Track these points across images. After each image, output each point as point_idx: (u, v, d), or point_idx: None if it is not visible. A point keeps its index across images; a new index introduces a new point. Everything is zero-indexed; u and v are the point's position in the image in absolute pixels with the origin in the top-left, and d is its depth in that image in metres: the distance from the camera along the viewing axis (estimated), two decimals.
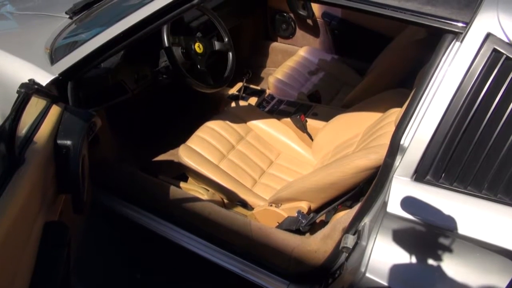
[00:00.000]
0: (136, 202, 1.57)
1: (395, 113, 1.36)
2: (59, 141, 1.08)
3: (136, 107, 1.94)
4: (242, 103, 1.99)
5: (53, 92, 1.23)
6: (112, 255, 1.75)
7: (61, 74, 1.24)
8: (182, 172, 1.74)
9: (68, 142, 1.09)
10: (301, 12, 2.43)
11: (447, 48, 0.84)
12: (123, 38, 1.18)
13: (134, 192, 1.60)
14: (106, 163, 1.63)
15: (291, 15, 2.53)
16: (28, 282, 0.90)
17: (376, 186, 0.99)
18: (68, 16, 1.58)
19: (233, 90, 2.15)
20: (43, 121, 1.08)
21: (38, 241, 0.97)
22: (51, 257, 0.98)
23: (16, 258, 0.86)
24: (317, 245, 1.25)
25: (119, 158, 1.71)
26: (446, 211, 0.85)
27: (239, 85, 2.16)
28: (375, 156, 1.16)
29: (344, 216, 1.21)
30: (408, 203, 0.88)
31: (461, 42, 0.82)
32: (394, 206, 0.88)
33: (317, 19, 2.45)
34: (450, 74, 0.82)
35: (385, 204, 0.90)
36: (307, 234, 1.40)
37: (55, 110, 1.14)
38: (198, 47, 1.71)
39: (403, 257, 0.91)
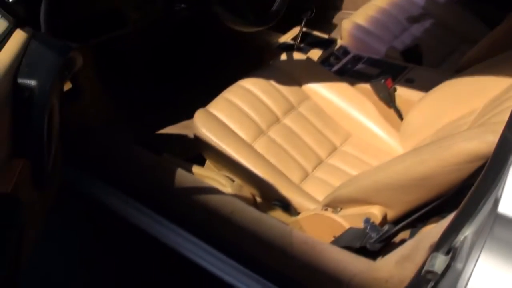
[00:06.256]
0: (127, 188, 1.64)
1: None
2: (20, 80, 1.16)
3: (137, 49, 2.02)
4: (297, 55, 2.01)
5: (19, 12, 1.30)
6: (86, 257, 1.83)
7: None
8: (197, 153, 1.80)
9: (33, 83, 1.16)
10: None
11: None
12: None
13: (125, 173, 1.67)
14: (88, 129, 1.71)
15: None
16: None
17: (487, 178, 0.97)
18: None
19: (287, 37, 2.19)
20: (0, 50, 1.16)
21: None
22: None
23: None
24: (389, 271, 1.24)
25: (108, 123, 1.78)
26: None
27: (296, 30, 2.19)
28: (494, 137, 1.13)
29: (434, 229, 1.19)
30: None
31: None
32: (511, 205, 0.86)
33: None
34: None
35: (496, 202, 0.88)
36: (379, 257, 1.40)
37: (18, 36, 1.22)
38: None
39: None
